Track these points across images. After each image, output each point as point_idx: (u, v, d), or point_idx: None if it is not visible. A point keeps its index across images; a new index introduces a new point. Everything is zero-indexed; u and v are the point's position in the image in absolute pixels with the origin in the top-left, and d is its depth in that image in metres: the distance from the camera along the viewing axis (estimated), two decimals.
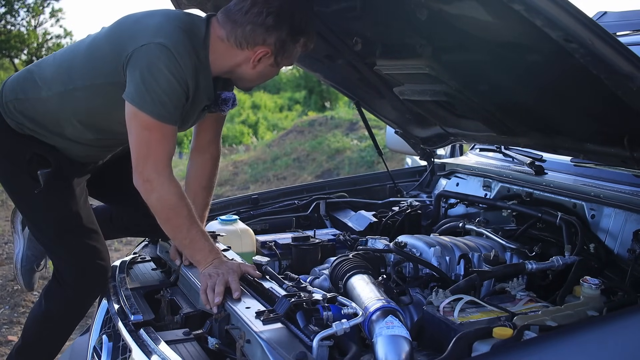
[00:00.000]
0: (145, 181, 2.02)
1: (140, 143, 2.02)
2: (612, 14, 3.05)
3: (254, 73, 2.17)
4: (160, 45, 1.98)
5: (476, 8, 1.68)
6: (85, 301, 2.52)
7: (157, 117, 1.99)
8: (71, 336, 3.90)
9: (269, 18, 2.03)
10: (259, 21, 2.04)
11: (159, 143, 2.02)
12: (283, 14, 2.05)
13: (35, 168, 2.25)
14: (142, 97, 1.98)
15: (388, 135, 3.73)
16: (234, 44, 2.09)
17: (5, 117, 2.28)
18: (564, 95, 2.02)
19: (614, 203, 2.17)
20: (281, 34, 2.06)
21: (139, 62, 2.00)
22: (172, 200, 2.02)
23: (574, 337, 1.46)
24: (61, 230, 2.36)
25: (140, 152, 2.02)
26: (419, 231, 2.78)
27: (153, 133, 2.01)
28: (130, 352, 1.72)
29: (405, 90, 2.67)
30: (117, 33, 2.14)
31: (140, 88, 1.98)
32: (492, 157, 3.09)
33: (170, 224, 2.06)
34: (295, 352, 1.43)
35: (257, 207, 3.09)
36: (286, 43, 2.09)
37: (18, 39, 25.13)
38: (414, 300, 1.97)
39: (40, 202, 2.30)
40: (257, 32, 2.05)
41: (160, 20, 2.07)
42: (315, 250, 2.52)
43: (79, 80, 2.17)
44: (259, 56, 2.10)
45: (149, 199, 2.04)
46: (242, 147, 16.15)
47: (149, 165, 2.01)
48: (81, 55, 2.21)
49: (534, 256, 2.22)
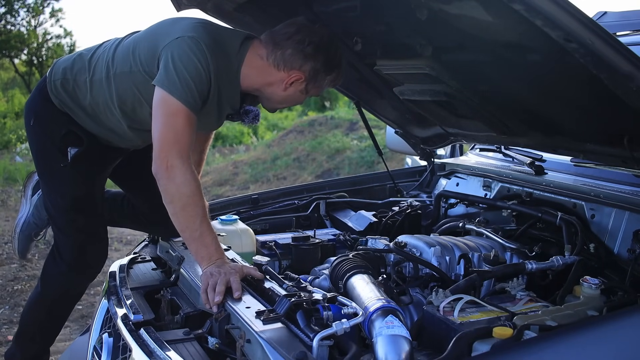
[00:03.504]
0: (169, 167, 2.03)
1: (167, 129, 2.07)
2: (612, 14, 3.05)
3: (283, 95, 2.29)
4: (192, 37, 2.12)
5: (476, 8, 1.69)
6: (78, 280, 2.59)
7: (185, 103, 2.07)
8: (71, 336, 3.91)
9: (309, 47, 2.19)
10: (300, 48, 2.19)
11: (185, 130, 2.08)
12: (322, 46, 2.21)
13: (67, 144, 2.38)
14: (173, 81, 2.08)
15: (388, 135, 3.73)
16: (272, 64, 2.22)
17: (51, 94, 2.40)
18: (563, 95, 2.02)
19: (614, 203, 2.17)
20: (317, 64, 2.21)
21: (171, 51, 2.13)
22: (192, 187, 2.04)
23: (574, 337, 1.46)
24: (74, 207, 2.45)
25: (166, 138, 2.06)
26: (419, 231, 2.78)
27: (180, 119, 2.07)
28: (130, 352, 1.72)
29: (405, 90, 2.67)
30: (155, 31, 2.29)
31: (172, 73, 2.09)
32: (492, 157, 3.09)
33: (186, 212, 2.04)
34: (296, 352, 1.43)
35: (257, 207, 3.09)
36: (319, 73, 2.24)
37: (18, 39, 25.12)
38: (414, 300, 1.97)
39: (63, 176, 2.42)
40: (296, 57, 2.20)
41: (194, 23, 2.22)
42: (315, 250, 2.52)
43: (119, 67, 2.30)
44: (292, 80, 2.23)
45: (169, 186, 2.04)
46: (242, 147, 16.14)
47: (174, 151, 2.04)
48: (125, 46, 2.34)
49: (534, 256, 2.22)
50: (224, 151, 15.76)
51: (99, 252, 2.57)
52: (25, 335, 2.64)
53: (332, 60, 2.26)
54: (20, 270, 5.76)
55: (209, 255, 2.02)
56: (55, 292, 2.58)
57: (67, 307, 2.69)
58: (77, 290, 2.67)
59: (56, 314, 2.66)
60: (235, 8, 2.48)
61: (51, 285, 2.56)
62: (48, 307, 2.60)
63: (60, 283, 2.56)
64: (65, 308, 2.68)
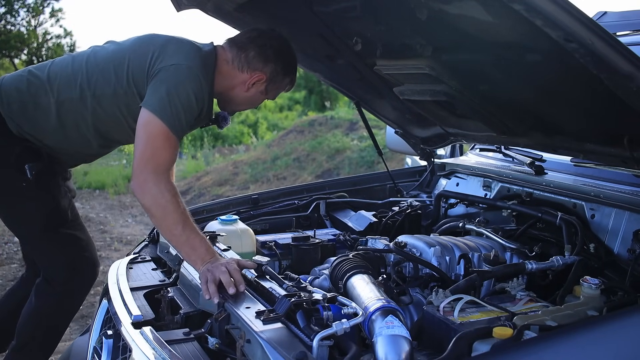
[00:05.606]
0: (143, 182, 2.08)
1: (147, 146, 2.12)
2: (612, 14, 3.05)
3: (244, 96, 2.43)
4: (190, 67, 2.21)
5: (476, 8, 1.69)
6: (77, 296, 2.57)
7: (170, 127, 2.13)
8: (71, 336, 3.90)
9: (270, 50, 2.35)
10: (262, 51, 2.34)
11: (165, 149, 2.14)
12: (282, 50, 2.39)
13: (24, 161, 2.34)
14: (164, 108, 2.14)
15: (388, 135, 3.73)
16: (236, 66, 2.36)
17: (6, 117, 2.34)
18: (564, 95, 2.02)
19: (614, 203, 2.17)
20: (277, 66, 2.37)
21: (167, 78, 2.19)
22: (167, 196, 2.08)
23: (574, 337, 1.46)
24: (49, 224, 2.44)
25: (144, 154, 2.10)
26: (419, 231, 2.78)
27: (161, 140, 2.13)
28: (130, 352, 1.72)
29: (405, 90, 2.67)
30: (144, 50, 2.31)
31: (164, 100, 2.15)
32: (492, 157, 3.09)
33: (167, 222, 2.08)
34: (296, 352, 1.43)
35: (257, 207, 3.09)
36: (278, 75, 2.40)
37: (18, 39, 25.12)
38: (414, 300, 1.97)
39: (27, 196, 2.38)
40: (259, 58, 2.35)
41: (188, 47, 2.30)
42: (315, 250, 2.52)
43: (99, 89, 2.32)
44: (254, 80, 2.37)
45: (145, 200, 2.08)
46: (242, 147, 16.14)
47: (149, 166, 2.08)
48: (102, 65, 2.34)
49: (534, 256, 2.22)
50: (224, 151, 15.76)
51: (88, 263, 2.56)
52: (23, 348, 2.57)
53: (290, 64, 2.43)
54: (20, 270, 5.76)
55: (201, 257, 2.04)
56: (55, 312, 2.55)
57: (68, 320, 2.67)
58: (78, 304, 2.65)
59: (56, 328, 2.62)
60: (235, 8, 2.48)
61: (51, 307, 2.53)
62: (47, 324, 2.56)
63: (59, 304, 2.54)
64: (66, 321, 2.66)
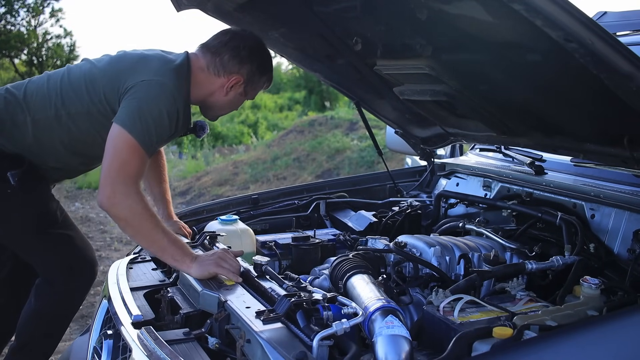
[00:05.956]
0: (112, 193, 2.05)
1: (114, 158, 2.09)
2: (612, 14, 3.05)
3: (224, 101, 2.43)
4: (161, 83, 2.20)
5: (476, 8, 1.68)
6: (77, 296, 2.56)
7: (140, 142, 2.12)
8: (71, 336, 3.90)
9: (244, 51, 2.35)
10: (236, 52, 2.34)
11: (133, 162, 2.11)
12: (255, 50, 2.39)
13: (5, 169, 2.33)
14: (134, 122, 2.13)
15: (388, 135, 3.73)
16: (212, 72, 2.36)
17: None
18: (563, 95, 2.02)
19: (614, 203, 2.17)
20: (253, 66, 2.37)
21: (138, 94, 2.18)
22: (142, 204, 2.07)
23: (574, 337, 1.46)
24: (40, 227, 2.43)
25: (112, 166, 2.08)
26: (419, 231, 2.78)
27: (130, 153, 2.11)
28: (130, 352, 1.72)
29: (405, 90, 2.67)
30: (116, 67, 2.32)
31: (134, 115, 2.14)
32: (492, 157, 3.09)
33: (146, 227, 2.07)
34: (296, 352, 1.43)
35: (257, 207, 3.09)
36: (255, 75, 2.40)
37: (18, 39, 25.13)
38: (414, 300, 1.97)
39: (15, 201, 2.36)
40: (234, 61, 2.34)
41: (159, 62, 2.29)
42: (315, 250, 2.52)
43: (72, 107, 2.33)
44: (232, 83, 2.37)
45: (119, 209, 2.06)
46: (242, 147, 16.15)
47: (119, 178, 2.06)
48: (75, 83, 2.35)
49: (534, 256, 2.22)
50: (224, 151, 15.77)
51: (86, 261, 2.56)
52: (23, 349, 2.57)
53: (265, 63, 2.43)
54: None
55: (188, 253, 2.07)
56: (55, 312, 2.55)
57: (68, 320, 2.66)
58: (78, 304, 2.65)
59: (57, 328, 2.62)
60: (236, 8, 2.48)
61: (51, 307, 2.53)
62: (47, 324, 2.56)
63: (59, 304, 2.54)
64: (65, 321, 2.65)
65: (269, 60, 2.46)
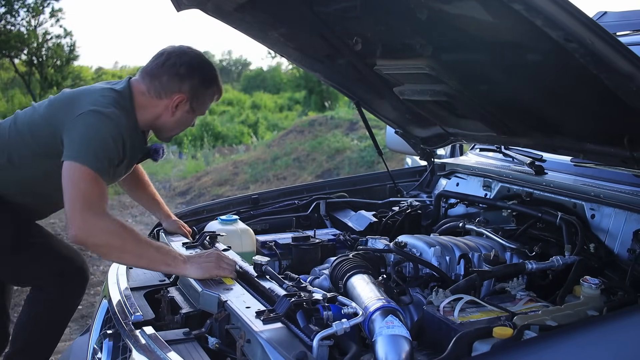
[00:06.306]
0: (82, 222, 2.03)
1: (75, 191, 2.07)
2: (612, 14, 3.05)
3: (173, 121, 2.41)
4: (97, 111, 2.19)
5: (476, 8, 1.68)
6: (70, 301, 2.56)
7: (93, 168, 2.10)
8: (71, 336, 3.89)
9: (182, 68, 2.32)
10: (174, 71, 2.32)
11: (94, 189, 2.09)
12: (194, 65, 2.35)
13: None
14: (80, 153, 2.12)
15: (388, 135, 3.73)
16: (154, 95, 2.35)
17: None
18: (564, 95, 2.02)
19: (614, 203, 2.17)
20: (194, 81, 2.34)
21: (78, 127, 2.17)
22: (117, 223, 2.07)
23: (574, 336, 1.46)
24: (16, 244, 2.42)
25: (76, 200, 2.06)
26: (419, 231, 2.78)
27: (88, 181, 2.09)
28: (130, 352, 1.72)
29: (405, 90, 2.67)
30: (54, 108, 2.34)
31: (79, 146, 2.13)
32: (492, 157, 3.09)
33: (129, 243, 2.06)
34: (296, 352, 1.43)
35: (257, 207, 3.09)
36: (198, 89, 2.37)
37: (18, 39, 25.13)
38: (414, 300, 1.96)
39: None
40: (173, 80, 2.33)
41: (95, 95, 2.28)
42: (315, 250, 2.52)
43: (21, 150, 2.35)
44: (176, 103, 2.35)
45: (95, 235, 2.04)
46: (242, 147, 16.16)
47: (85, 207, 2.04)
48: (21, 129, 2.37)
49: (534, 256, 2.22)
50: (224, 151, 15.77)
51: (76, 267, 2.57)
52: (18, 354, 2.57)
53: (207, 75, 2.39)
54: None
55: (178, 255, 2.08)
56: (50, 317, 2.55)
57: (63, 325, 2.66)
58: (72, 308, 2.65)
59: (52, 334, 2.62)
60: (236, 8, 2.48)
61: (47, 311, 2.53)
62: (42, 329, 2.56)
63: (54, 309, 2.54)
64: (61, 327, 2.65)
65: (212, 72, 2.42)
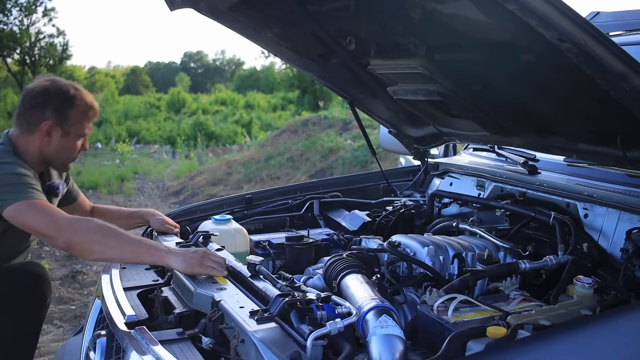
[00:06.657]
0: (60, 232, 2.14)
1: (35, 221, 2.19)
2: (605, 14, 3.06)
3: (53, 149, 2.48)
4: None
5: (470, 8, 1.69)
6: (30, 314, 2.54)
7: (29, 197, 2.21)
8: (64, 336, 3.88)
9: (38, 96, 2.42)
10: (32, 103, 2.43)
11: (47, 210, 2.22)
12: (49, 90, 2.44)
13: None
14: (5, 195, 2.21)
15: (382, 135, 3.73)
16: (26, 132, 2.45)
17: None
18: (557, 95, 2.03)
19: (607, 202, 2.18)
20: (54, 104, 2.43)
21: None
22: (93, 222, 2.18)
23: (568, 336, 1.46)
24: None
25: (41, 226, 2.19)
26: (413, 231, 2.78)
27: (37, 208, 2.21)
28: (123, 352, 1.71)
29: (399, 90, 2.67)
30: None
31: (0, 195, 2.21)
32: (485, 157, 3.10)
33: (111, 236, 2.13)
34: (289, 352, 1.42)
35: (250, 206, 3.09)
36: (64, 112, 2.44)
37: (10, 38, 25.04)
38: (408, 300, 1.97)
39: None
40: (34, 112, 2.43)
41: None
42: (309, 249, 2.52)
43: None
44: (45, 130, 2.42)
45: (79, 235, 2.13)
46: (235, 146, 16.15)
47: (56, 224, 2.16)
48: None
49: (527, 255, 2.22)
50: (218, 151, 15.76)
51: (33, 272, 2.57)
52: None
53: (65, 96, 2.45)
54: None
55: (159, 245, 2.14)
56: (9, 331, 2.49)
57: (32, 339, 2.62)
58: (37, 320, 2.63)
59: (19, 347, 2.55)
60: (229, 7, 2.47)
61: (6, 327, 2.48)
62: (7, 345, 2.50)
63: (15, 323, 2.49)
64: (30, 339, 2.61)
65: (70, 92, 2.47)
